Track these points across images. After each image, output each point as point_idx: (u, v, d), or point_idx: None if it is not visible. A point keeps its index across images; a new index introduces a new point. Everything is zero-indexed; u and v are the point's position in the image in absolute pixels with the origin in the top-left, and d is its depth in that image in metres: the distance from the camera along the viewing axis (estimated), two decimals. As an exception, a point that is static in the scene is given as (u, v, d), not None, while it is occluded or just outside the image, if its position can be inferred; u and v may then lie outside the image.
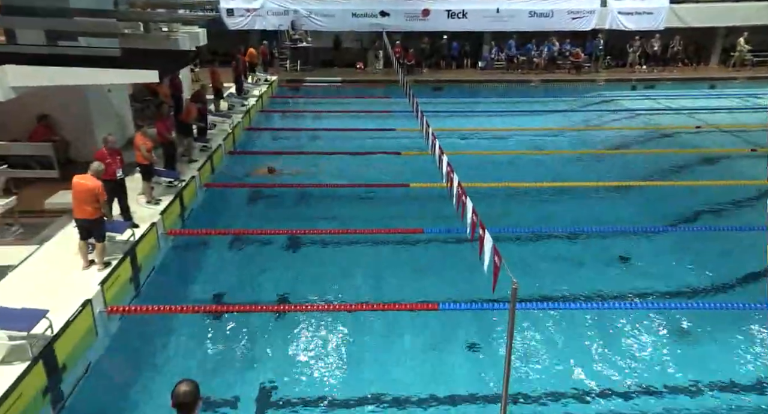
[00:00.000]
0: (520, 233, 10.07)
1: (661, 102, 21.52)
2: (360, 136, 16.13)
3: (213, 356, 6.92)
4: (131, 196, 9.54)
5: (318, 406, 6.10)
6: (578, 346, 7.14)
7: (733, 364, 6.81)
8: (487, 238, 5.25)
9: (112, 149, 8.80)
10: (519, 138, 16.56)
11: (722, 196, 11.87)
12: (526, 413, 6.02)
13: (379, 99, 20.91)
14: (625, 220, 10.65)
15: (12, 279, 7.61)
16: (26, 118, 11.31)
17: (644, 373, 6.67)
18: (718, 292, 8.33)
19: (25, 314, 6.24)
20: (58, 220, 9.31)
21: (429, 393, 6.27)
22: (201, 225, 10.33)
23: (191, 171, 11.93)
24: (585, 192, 12.24)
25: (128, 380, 6.54)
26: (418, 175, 12.23)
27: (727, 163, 14.21)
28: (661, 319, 7.66)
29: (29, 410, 5.66)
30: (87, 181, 7.54)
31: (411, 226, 10.12)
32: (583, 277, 8.74)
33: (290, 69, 25.20)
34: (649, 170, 13.72)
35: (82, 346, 6.72)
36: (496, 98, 22.37)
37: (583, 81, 24.70)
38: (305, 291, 8.28)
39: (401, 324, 7.54)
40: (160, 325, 7.50)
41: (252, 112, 17.93)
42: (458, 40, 26.25)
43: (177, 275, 8.93)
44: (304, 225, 10.25)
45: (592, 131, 17.60)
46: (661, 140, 16.58)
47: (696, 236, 10.36)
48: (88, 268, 7.83)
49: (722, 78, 25.33)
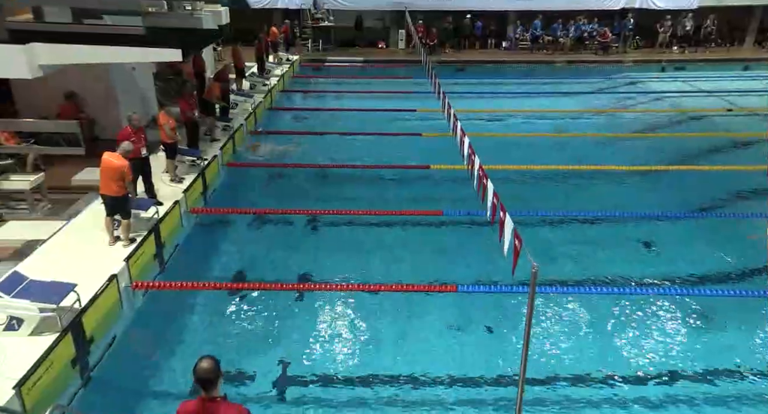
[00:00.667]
0: (542, 216, 9.96)
1: (692, 83, 20.90)
2: (381, 117, 16.04)
3: (233, 332, 7.06)
4: (155, 174, 9.67)
5: (336, 384, 6.21)
6: (597, 331, 7.11)
7: (755, 351, 6.72)
8: (507, 221, 5.21)
9: (136, 127, 8.92)
10: (542, 120, 16.29)
11: (750, 181, 11.56)
12: (544, 397, 6.04)
13: (400, 79, 20.72)
14: (649, 205, 10.47)
15: (42, 253, 7.83)
16: (54, 96, 11.48)
17: (665, 359, 6.62)
18: (743, 279, 8.18)
19: (54, 287, 6.44)
20: (85, 197, 9.51)
21: (446, 374, 6.33)
22: (223, 204, 10.45)
23: (214, 150, 12.03)
24: (609, 176, 12.02)
25: (151, 353, 6.72)
26: (438, 157, 12.15)
27: (758, 147, 13.80)
28: (683, 305, 7.57)
29: (60, 379, 5.87)
30: (115, 159, 7.68)
31: (431, 208, 10.10)
32: (605, 262, 8.66)
33: (312, 48, 25.06)
34: (677, 154, 13.38)
35: (109, 319, 6.91)
36: (520, 79, 21.97)
37: (611, 62, 24.08)
38: (325, 270, 8.37)
39: (420, 305, 7.58)
40: (183, 301, 7.66)
41: (273, 91, 17.94)
42: (482, 20, 25.74)
43: (199, 253, 9.08)
44: (324, 205, 10.29)
45: (618, 113, 17.21)
46: (689, 123, 16.15)
47: (722, 223, 10.13)
48: (114, 244, 8.01)
49: (757, 59, 24.44)
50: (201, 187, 10.62)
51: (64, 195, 9.66)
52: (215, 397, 3.70)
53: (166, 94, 14.65)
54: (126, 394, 6.12)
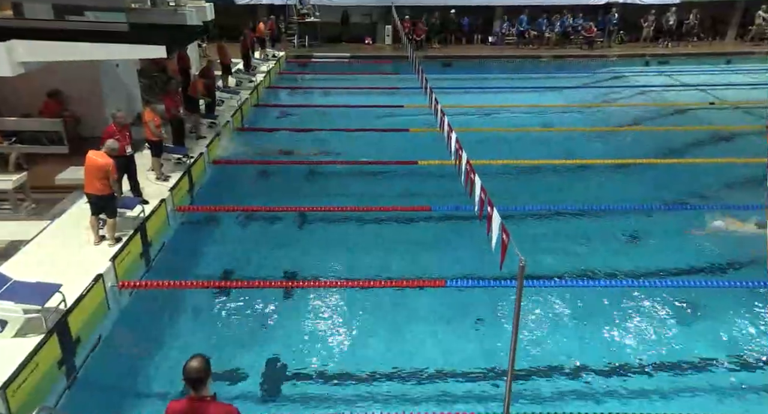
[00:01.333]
0: (529, 211, 10.02)
1: (675, 77, 21.12)
2: (368, 113, 16.01)
3: (222, 331, 7.03)
4: (140, 172, 9.58)
5: (325, 380, 6.21)
6: (585, 323, 7.18)
7: (740, 341, 6.83)
8: (495, 215, 5.23)
9: (121, 125, 8.82)
10: (529, 115, 16.36)
11: (733, 173, 11.73)
12: (532, 389, 6.09)
13: (387, 75, 20.67)
14: (635, 198, 10.57)
15: (25, 254, 7.73)
16: (37, 94, 11.31)
17: (652, 350, 6.70)
18: (727, 271, 8.30)
19: (39, 288, 6.36)
20: (70, 196, 9.40)
21: (435, 367, 6.36)
22: (210, 201, 10.38)
23: (200, 147, 11.94)
24: (595, 169, 12.13)
25: (139, 353, 6.67)
26: (426, 152, 12.17)
27: (741, 140, 13.99)
28: (669, 297, 7.66)
29: (46, 380, 5.81)
30: (99, 158, 7.59)
31: (419, 204, 10.11)
32: (592, 255, 8.73)
33: (298, 45, 24.93)
34: (661, 147, 13.53)
35: (95, 319, 6.84)
36: (506, 74, 22.05)
37: (595, 56, 24.26)
38: (313, 267, 8.35)
39: (408, 300, 7.60)
40: (170, 300, 7.61)
41: (260, 88, 17.82)
42: (469, 15, 25.76)
43: (186, 251, 9.02)
44: (311, 202, 10.27)
45: (604, 108, 17.33)
46: (673, 117, 16.32)
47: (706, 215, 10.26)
48: (100, 244, 7.92)
49: (739, 53, 24.75)
50: (187, 185, 10.54)
51: (47, 194, 9.54)
52: (205, 396, 3.68)
53: (151, 92, 14.50)
54: (113, 394, 6.08)
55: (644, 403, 5.89)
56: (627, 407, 5.80)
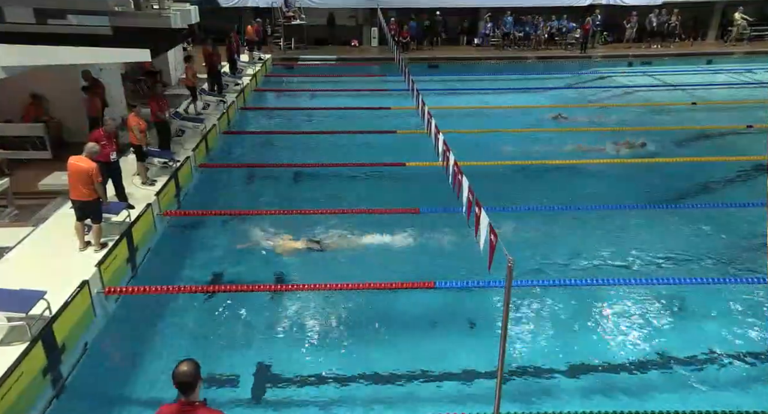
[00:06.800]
0: (517, 212, 10.07)
1: (658, 78, 21.40)
2: (355, 115, 16.00)
3: (210, 335, 6.97)
4: (126, 177, 9.49)
5: (316, 384, 6.18)
6: (573, 322, 7.23)
7: (727, 336, 6.92)
8: (482, 216, 5.25)
9: (109, 132, 8.73)
10: (515, 115, 16.45)
11: (717, 172, 11.90)
12: (522, 389, 6.12)
13: (374, 77, 20.68)
14: (621, 198, 10.68)
15: (8, 260, 7.62)
16: (19, 98, 11.17)
17: (639, 347, 6.77)
18: (712, 268, 8.41)
19: (23, 295, 6.26)
20: (53, 202, 9.28)
21: (425, 369, 6.36)
22: (196, 205, 10.30)
23: (186, 151, 11.84)
24: (582, 169, 12.23)
25: (126, 360, 6.60)
26: (414, 154, 12.18)
27: (723, 140, 14.20)
28: (655, 295, 7.75)
29: (31, 390, 5.72)
30: (82, 162, 7.49)
31: (407, 206, 10.11)
32: (579, 254, 8.80)
33: (284, 47, 24.86)
34: (646, 147, 13.67)
35: (80, 326, 6.76)
36: (492, 76, 22.17)
37: (580, 57, 24.49)
38: (300, 270, 8.31)
39: (398, 302, 7.60)
40: (157, 305, 7.53)
41: (246, 91, 17.74)
42: (454, 17, 25.88)
43: (173, 256, 8.94)
44: (299, 205, 10.23)
45: (588, 108, 17.50)
46: (656, 116, 16.51)
47: (691, 213, 10.40)
48: (85, 250, 7.83)
49: (719, 53, 25.17)
50: (174, 189, 10.45)
51: (30, 200, 9.41)
52: (194, 401, 3.65)
53: (136, 96, 14.37)
54: (102, 401, 5.98)
55: (634, 402, 5.92)
56: (619, 405, 5.83)
